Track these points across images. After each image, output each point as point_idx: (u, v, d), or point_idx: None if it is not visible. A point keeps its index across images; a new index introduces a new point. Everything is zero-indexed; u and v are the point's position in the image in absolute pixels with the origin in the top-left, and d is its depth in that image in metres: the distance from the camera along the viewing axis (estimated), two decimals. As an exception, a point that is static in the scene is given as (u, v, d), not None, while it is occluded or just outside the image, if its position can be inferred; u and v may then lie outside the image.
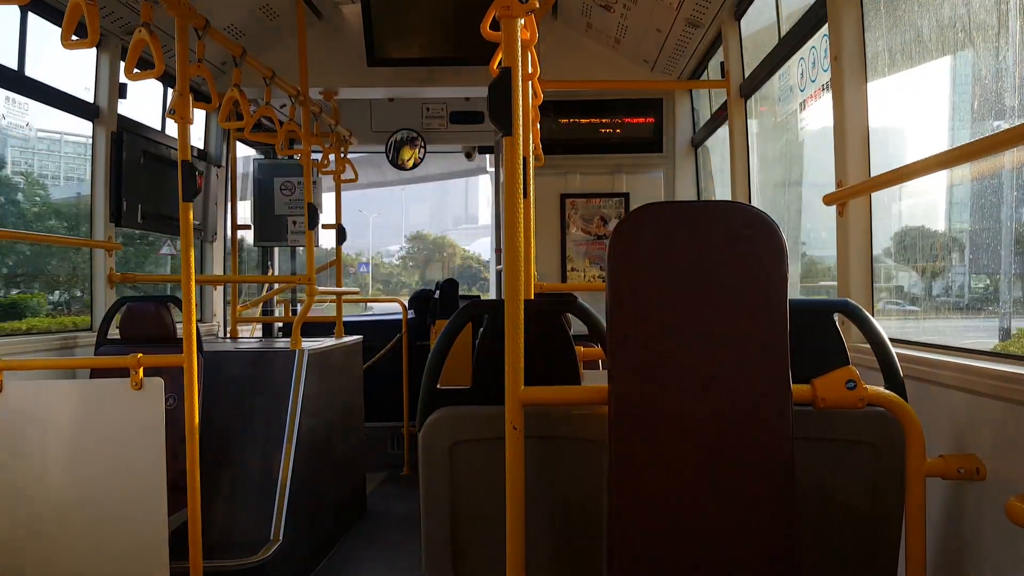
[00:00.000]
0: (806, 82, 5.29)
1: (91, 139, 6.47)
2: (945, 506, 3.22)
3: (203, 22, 4.93)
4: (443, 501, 3.15)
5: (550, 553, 3.16)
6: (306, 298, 6.49)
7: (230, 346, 6.61)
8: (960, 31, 3.86)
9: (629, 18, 7.51)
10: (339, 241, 8.26)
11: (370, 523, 7.40)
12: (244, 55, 5.85)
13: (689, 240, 2.75)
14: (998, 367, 2.96)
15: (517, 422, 2.86)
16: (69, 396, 4.57)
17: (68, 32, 4.19)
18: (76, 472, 4.45)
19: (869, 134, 4.33)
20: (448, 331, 3.27)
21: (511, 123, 2.89)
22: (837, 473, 3.09)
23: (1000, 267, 4.01)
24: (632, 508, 2.76)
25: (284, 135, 6.88)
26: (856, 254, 4.34)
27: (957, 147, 3.22)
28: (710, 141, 8.28)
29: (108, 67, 6.40)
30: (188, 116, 4.53)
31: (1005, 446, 2.85)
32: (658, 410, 2.75)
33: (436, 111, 9.87)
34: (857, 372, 2.92)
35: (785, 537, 2.72)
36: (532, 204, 4.46)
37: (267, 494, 5.48)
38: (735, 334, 2.74)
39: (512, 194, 2.91)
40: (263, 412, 5.78)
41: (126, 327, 5.69)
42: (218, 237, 8.63)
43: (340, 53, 8.18)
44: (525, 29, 3.27)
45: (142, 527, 4.42)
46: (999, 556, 2.87)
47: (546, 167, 7.64)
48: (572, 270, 8.71)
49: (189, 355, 4.53)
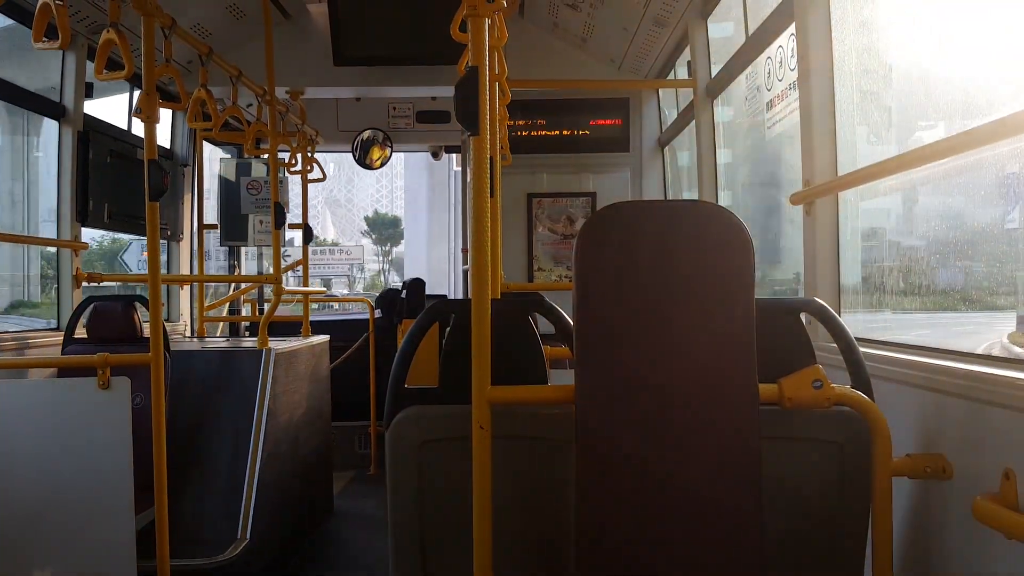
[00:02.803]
0: (773, 81, 5.34)
1: (58, 139, 6.44)
2: (911, 505, 3.24)
3: (170, 21, 4.92)
4: (410, 500, 3.15)
5: (517, 552, 3.17)
6: (273, 297, 6.48)
7: (197, 345, 6.58)
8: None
9: (596, 17, 7.54)
10: (306, 240, 8.24)
11: (337, 522, 7.40)
12: (211, 54, 5.83)
13: (656, 239, 2.77)
14: (964, 366, 2.98)
15: (484, 421, 2.87)
16: (35, 395, 4.55)
17: (39, 33, 4.17)
18: (42, 471, 4.43)
19: (836, 133, 4.37)
20: (415, 330, 3.27)
21: (478, 123, 2.89)
22: (804, 472, 3.10)
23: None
24: (599, 507, 2.78)
25: (252, 135, 6.86)
26: (823, 253, 4.37)
27: (925, 145, 3.24)
28: (679, 141, 8.32)
29: (75, 66, 6.37)
30: (155, 115, 4.50)
31: (971, 445, 2.87)
32: (623, 409, 2.77)
33: (402, 111, 9.87)
34: (824, 372, 2.95)
35: (751, 536, 2.74)
36: (499, 204, 4.47)
37: (234, 493, 5.47)
38: (702, 333, 2.76)
39: (479, 194, 2.91)
40: (230, 411, 5.76)
41: (93, 326, 5.67)
42: (185, 236, 8.59)
43: (307, 52, 8.17)
44: (495, 29, 3.29)
45: (109, 526, 4.39)
46: (965, 555, 2.90)
47: (513, 166, 7.65)
48: (539, 270, 8.73)
49: (156, 354, 4.52)
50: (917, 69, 4.19)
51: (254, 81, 6.65)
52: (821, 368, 2.96)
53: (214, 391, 5.84)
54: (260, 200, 9.24)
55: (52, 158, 6.48)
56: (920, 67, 4.15)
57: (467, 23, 2.98)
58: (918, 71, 4.19)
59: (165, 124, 8.47)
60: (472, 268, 2.93)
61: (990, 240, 3.58)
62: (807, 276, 4.46)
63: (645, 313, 2.77)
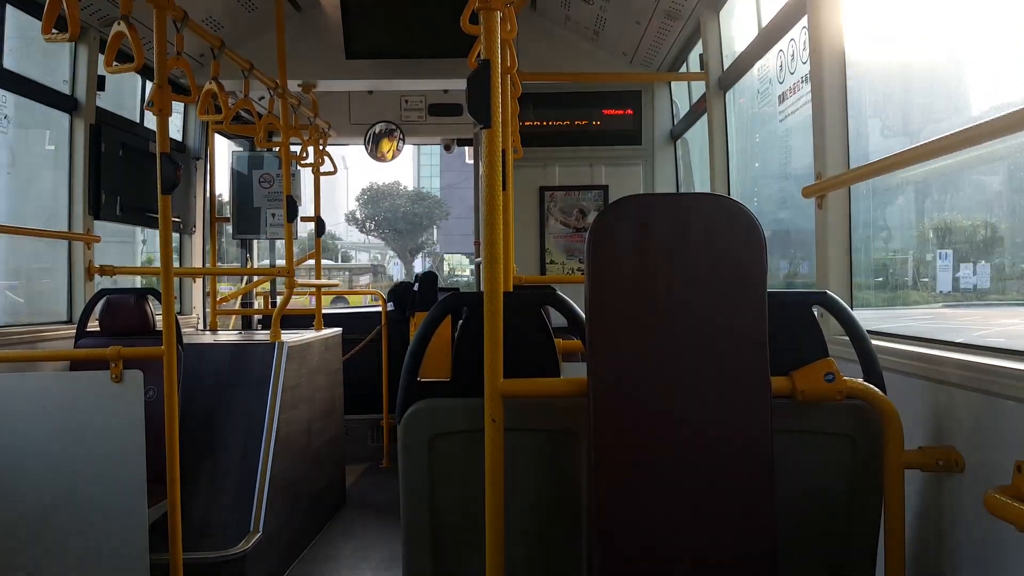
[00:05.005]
0: (785, 74, 5.32)
1: (69, 132, 6.45)
2: (923, 498, 3.23)
3: (182, 14, 4.92)
4: (422, 493, 3.15)
5: (529, 544, 3.17)
6: (286, 290, 6.49)
7: (210, 338, 6.60)
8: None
9: (608, 10, 7.52)
10: (318, 233, 8.25)
11: (350, 515, 7.41)
12: (223, 47, 5.84)
13: (668, 232, 2.77)
14: (975, 359, 2.97)
15: (496, 414, 2.88)
16: (49, 388, 4.56)
17: (48, 25, 4.17)
18: (55, 464, 4.44)
19: (848, 126, 4.36)
20: (427, 323, 3.27)
21: (490, 115, 2.89)
22: (816, 465, 3.10)
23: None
24: (612, 499, 2.78)
25: (263, 127, 6.87)
26: (835, 246, 4.35)
27: (937, 138, 3.22)
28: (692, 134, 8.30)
29: (86, 59, 6.38)
30: (167, 109, 4.51)
31: (983, 438, 2.86)
32: (637, 402, 2.77)
33: (415, 103, 9.86)
34: (836, 364, 2.95)
35: (764, 528, 2.74)
36: (511, 197, 4.47)
37: (247, 486, 5.48)
38: (714, 326, 2.76)
39: (491, 187, 2.91)
40: (243, 404, 5.77)
41: (105, 320, 5.68)
42: (197, 229, 8.61)
43: (319, 45, 8.17)
44: (506, 22, 3.28)
45: (122, 519, 4.41)
46: (977, 548, 2.89)
47: (525, 159, 7.64)
48: (551, 263, 8.72)
49: (169, 347, 4.53)
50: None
51: (266, 74, 6.65)
52: (833, 361, 2.95)
53: (227, 384, 5.86)
54: (272, 193, 9.26)
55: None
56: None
57: (479, 16, 2.98)
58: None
59: (177, 117, 8.49)
60: (484, 261, 2.93)
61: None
62: (819, 269, 4.44)
63: (657, 306, 2.77)
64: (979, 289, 4.48)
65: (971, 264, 4.49)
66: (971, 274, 4.51)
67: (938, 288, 4.67)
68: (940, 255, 4.54)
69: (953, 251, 4.48)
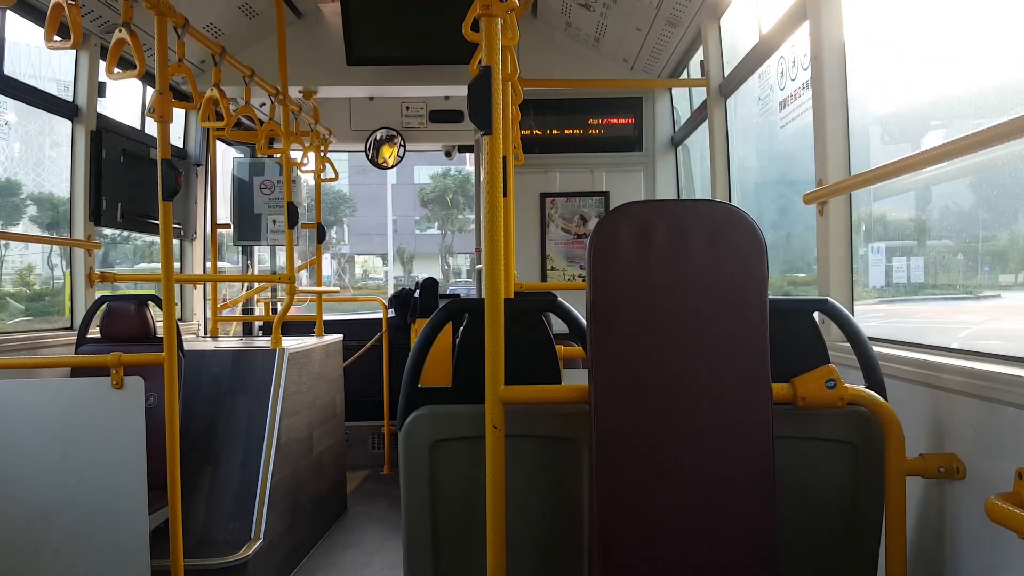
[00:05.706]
0: (785, 81, 5.32)
1: (71, 138, 6.45)
2: (925, 505, 3.23)
3: (183, 21, 4.93)
4: (423, 500, 3.15)
5: (531, 551, 3.17)
6: (286, 297, 6.49)
7: (210, 345, 6.60)
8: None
9: (609, 17, 7.53)
10: (319, 240, 8.25)
11: (351, 522, 7.40)
12: (224, 54, 5.85)
13: (669, 239, 2.77)
14: (977, 366, 2.97)
15: (497, 421, 2.87)
16: (49, 395, 4.56)
17: (51, 33, 4.19)
18: (56, 471, 4.44)
19: (849, 132, 4.36)
20: (428, 330, 3.27)
21: (491, 122, 2.89)
22: (817, 472, 3.10)
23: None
24: (613, 507, 2.78)
25: (264, 134, 6.87)
26: (836, 253, 4.35)
27: (939, 145, 3.22)
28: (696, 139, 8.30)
29: (88, 66, 6.38)
30: (168, 115, 4.51)
31: (985, 445, 2.86)
32: (638, 408, 2.77)
33: (416, 110, 9.86)
34: (837, 371, 2.94)
35: (765, 535, 2.74)
36: (512, 203, 4.46)
37: (248, 493, 5.48)
38: (715, 333, 2.76)
39: (492, 193, 2.91)
40: (243, 411, 5.77)
41: (106, 326, 5.68)
42: (198, 236, 8.62)
43: (320, 52, 8.19)
44: (507, 29, 3.28)
45: (123, 526, 4.41)
46: (979, 555, 2.88)
47: (526, 166, 7.65)
48: (552, 269, 8.72)
49: (170, 354, 4.53)
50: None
51: (267, 80, 6.66)
52: (835, 368, 2.95)
53: (227, 391, 5.85)
54: (273, 200, 9.28)
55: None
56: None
57: (480, 23, 2.98)
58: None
59: (178, 123, 8.50)
60: (485, 268, 2.93)
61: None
62: (820, 275, 4.44)
63: (659, 312, 2.76)
64: (913, 283, 4.48)
65: (904, 258, 4.49)
66: (904, 267, 4.51)
67: (871, 283, 4.66)
68: (872, 249, 4.54)
69: (886, 245, 4.49)
